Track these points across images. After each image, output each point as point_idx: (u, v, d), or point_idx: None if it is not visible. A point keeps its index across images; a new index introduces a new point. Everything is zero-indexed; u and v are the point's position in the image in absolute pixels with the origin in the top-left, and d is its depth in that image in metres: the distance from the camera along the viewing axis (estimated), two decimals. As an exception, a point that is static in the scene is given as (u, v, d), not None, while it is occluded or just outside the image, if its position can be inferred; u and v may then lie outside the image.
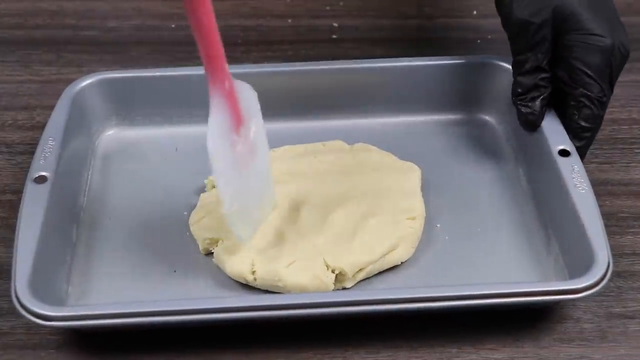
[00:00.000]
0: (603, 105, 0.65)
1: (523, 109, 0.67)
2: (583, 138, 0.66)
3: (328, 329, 0.60)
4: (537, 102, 0.67)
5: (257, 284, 0.61)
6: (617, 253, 0.64)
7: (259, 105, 0.60)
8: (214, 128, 0.56)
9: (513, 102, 0.68)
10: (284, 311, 0.56)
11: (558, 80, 0.66)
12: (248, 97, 0.59)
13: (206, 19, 0.53)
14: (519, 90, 0.67)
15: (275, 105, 0.73)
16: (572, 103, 0.66)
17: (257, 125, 0.59)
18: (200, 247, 0.64)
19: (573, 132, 0.66)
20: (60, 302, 0.59)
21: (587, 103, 0.65)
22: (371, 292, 0.60)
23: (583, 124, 0.65)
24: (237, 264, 0.61)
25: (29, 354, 0.59)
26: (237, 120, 0.58)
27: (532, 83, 0.66)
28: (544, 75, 0.66)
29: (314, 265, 0.60)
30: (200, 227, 0.64)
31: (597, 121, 0.66)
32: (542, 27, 0.65)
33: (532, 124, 0.67)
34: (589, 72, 0.64)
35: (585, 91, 0.65)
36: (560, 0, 0.65)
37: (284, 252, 0.61)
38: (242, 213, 0.60)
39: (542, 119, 0.67)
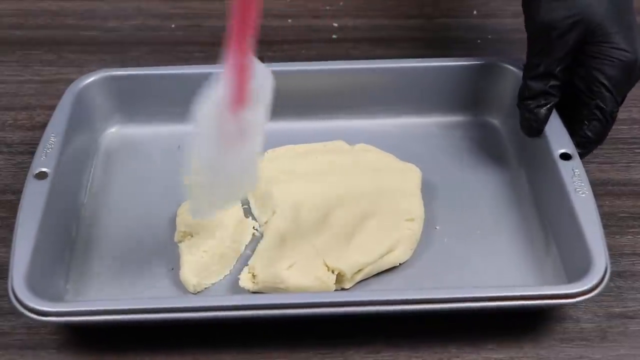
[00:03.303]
0: (613, 119, 0.65)
1: (527, 115, 0.66)
2: (585, 147, 0.66)
3: (328, 329, 0.60)
4: (542, 110, 0.66)
5: (259, 287, 0.61)
6: (617, 253, 0.64)
7: (270, 95, 0.57)
8: (213, 95, 0.54)
9: (518, 105, 0.67)
10: (283, 310, 0.56)
11: (574, 88, 0.66)
12: (263, 83, 0.56)
13: None
14: (527, 94, 0.66)
15: (276, 105, 0.73)
16: (584, 112, 0.65)
17: (258, 113, 0.56)
18: (176, 238, 0.64)
19: (578, 140, 0.65)
20: (57, 298, 0.59)
21: (600, 116, 0.64)
22: (369, 293, 0.59)
23: (590, 135, 0.65)
24: (185, 272, 0.61)
25: (29, 354, 0.59)
26: (239, 99, 0.55)
27: (541, 89, 0.66)
28: (554, 82, 0.66)
29: (314, 266, 0.60)
30: (182, 219, 0.64)
31: (604, 134, 0.65)
32: (566, 34, 0.64)
33: (534, 131, 0.67)
34: (608, 85, 0.64)
35: (601, 104, 0.64)
36: (589, 9, 0.64)
37: (284, 253, 0.61)
38: (206, 190, 0.58)
39: (544, 126, 0.67)
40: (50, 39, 0.86)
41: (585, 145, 0.66)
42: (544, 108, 0.66)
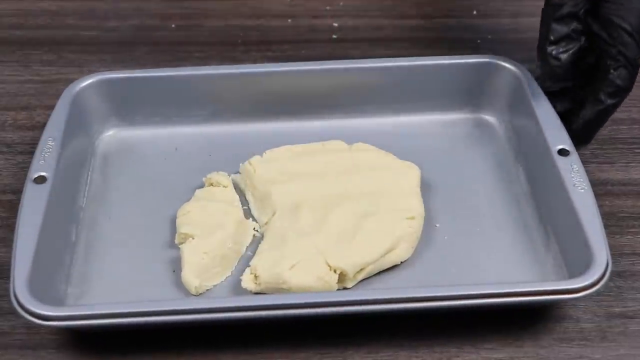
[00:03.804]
0: (638, 65, 0.64)
1: (551, 61, 0.66)
2: (618, 96, 0.65)
3: (328, 329, 0.60)
4: (565, 56, 0.65)
5: (261, 288, 0.60)
6: (617, 253, 0.64)
7: None
8: None
9: (541, 49, 0.66)
10: (285, 311, 0.56)
11: (594, 37, 0.65)
12: None
13: None
14: (551, 37, 0.65)
15: (275, 105, 0.74)
16: (608, 62, 0.64)
17: None
18: (176, 240, 0.64)
19: (608, 91, 0.65)
20: (59, 302, 0.59)
21: (625, 62, 0.64)
22: (372, 292, 0.59)
23: (619, 82, 0.64)
24: (187, 274, 0.61)
25: (29, 354, 0.59)
26: None
27: (565, 32, 0.65)
28: (577, 25, 0.65)
29: (316, 266, 0.60)
30: (182, 221, 0.64)
31: (631, 81, 0.65)
32: None
33: (557, 77, 0.66)
34: (629, 29, 0.63)
35: (624, 50, 0.63)
36: None
37: (285, 254, 0.61)
38: None
39: (565, 73, 0.66)
40: (50, 39, 0.86)
41: (617, 94, 0.65)
42: (567, 54, 0.65)
